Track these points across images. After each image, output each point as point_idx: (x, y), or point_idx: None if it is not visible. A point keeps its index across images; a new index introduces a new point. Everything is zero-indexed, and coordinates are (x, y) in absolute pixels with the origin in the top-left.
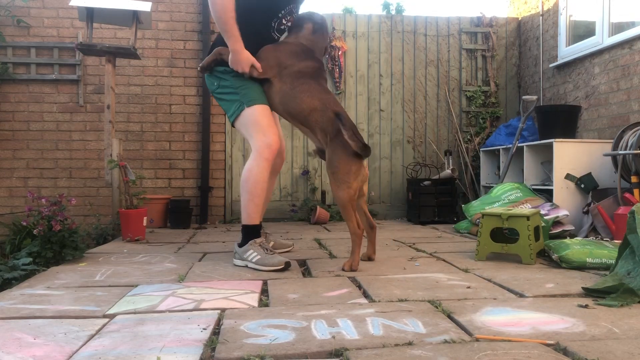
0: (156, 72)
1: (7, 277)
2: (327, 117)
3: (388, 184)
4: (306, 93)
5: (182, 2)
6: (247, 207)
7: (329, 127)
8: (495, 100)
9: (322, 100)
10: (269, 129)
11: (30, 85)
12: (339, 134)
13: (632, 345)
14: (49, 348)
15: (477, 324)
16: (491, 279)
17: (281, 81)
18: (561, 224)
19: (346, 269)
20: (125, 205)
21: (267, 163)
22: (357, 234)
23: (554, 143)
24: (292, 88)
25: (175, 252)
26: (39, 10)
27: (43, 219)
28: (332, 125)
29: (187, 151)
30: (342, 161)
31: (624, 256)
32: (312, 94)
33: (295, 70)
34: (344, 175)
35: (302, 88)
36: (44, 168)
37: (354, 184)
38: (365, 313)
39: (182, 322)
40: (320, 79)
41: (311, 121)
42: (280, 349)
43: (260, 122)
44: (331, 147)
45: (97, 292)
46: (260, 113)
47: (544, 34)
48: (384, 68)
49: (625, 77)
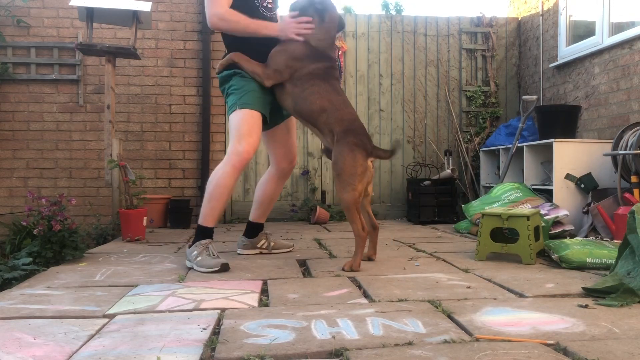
0: (156, 72)
1: (7, 277)
2: (335, 118)
3: (388, 184)
4: (316, 95)
5: (182, 2)
6: (204, 208)
7: (337, 128)
8: (495, 100)
9: (332, 102)
10: (246, 137)
11: (30, 85)
12: (346, 135)
13: (632, 345)
14: (49, 348)
15: (477, 324)
16: (491, 279)
17: (292, 84)
18: (561, 224)
19: (346, 269)
20: (125, 205)
21: (233, 170)
22: (361, 237)
23: (554, 143)
24: (303, 90)
25: (175, 252)
26: (39, 10)
27: (43, 219)
28: (340, 126)
29: (187, 151)
30: (348, 163)
31: (624, 256)
32: (322, 96)
33: (305, 73)
34: (348, 177)
35: (312, 90)
36: (44, 168)
37: (359, 186)
38: (365, 313)
39: (182, 322)
40: (331, 79)
41: (320, 122)
42: (280, 349)
43: (240, 128)
44: (337, 148)
45: (97, 292)
46: (243, 119)
47: (544, 34)
48: (384, 68)
49: (625, 77)
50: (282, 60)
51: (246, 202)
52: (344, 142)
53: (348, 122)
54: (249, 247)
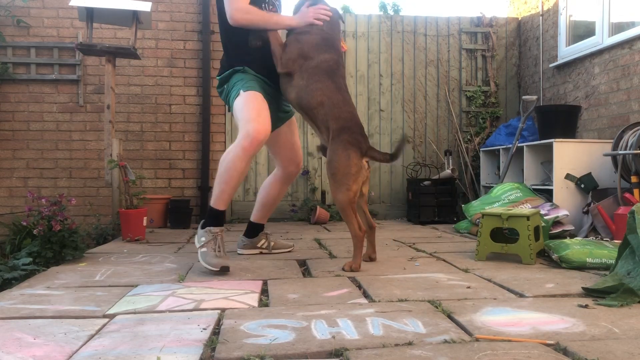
0: (156, 72)
1: (7, 277)
2: (332, 115)
3: (388, 184)
4: (319, 91)
5: (182, 2)
6: (215, 189)
7: (333, 125)
8: (495, 100)
9: (331, 99)
10: (255, 117)
11: (30, 85)
12: (341, 133)
13: (632, 345)
14: (49, 348)
15: (477, 324)
16: (491, 279)
17: (299, 76)
18: (561, 224)
19: (346, 269)
20: (125, 205)
21: (244, 152)
22: (358, 237)
23: (554, 143)
24: (307, 85)
25: (175, 252)
26: (39, 10)
27: (43, 219)
28: (336, 124)
29: (187, 151)
30: (342, 163)
31: (624, 256)
32: (323, 92)
33: (312, 66)
34: (342, 177)
35: (316, 86)
36: (44, 168)
37: (354, 186)
38: (365, 313)
39: (182, 322)
40: (337, 76)
41: (318, 117)
42: (280, 349)
43: (246, 110)
44: (332, 146)
45: (97, 292)
46: (248, 100)
47: (544, 34)
48: (383, 68)
49: (625, 77)
50: (296, 50)
51: (246, 202)
52: (338, 140)
53: (344, 120)
54: (249, 247)
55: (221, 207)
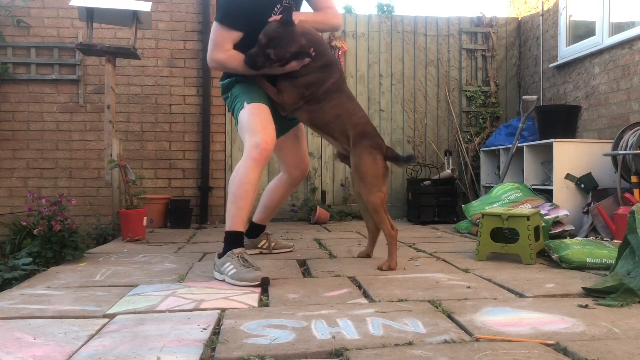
0: (156, 72)
1: (7, 277)
2: (350, 123)
3: (388, 184)
4: (333, 107)
5: (182, 2)
6: (229, 210)
7: (352, 132)
8: (495, 100)
9: (345, 109)
10: (260, 129)
11: (30, 85)
12: (362, 139)
13: (632, 345)
14: (49, 348)
15: (477, 324)
16: (491, 279)
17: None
18: (561, 224)
19: (384, 268)
20: (125, 205)
21: (255, 163)
22: (391, 235)
23: (554, 143)
24: (320, 107)
25: (175, 252)
26: (39, 10)
27: (43, 219)
28: (355, 130)
29: (187, 151)
30: (370, 166)
31: (624, 256)
32: (337, 105)
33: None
34: (372, 179)
35: (330, 104)
36: (44, 168)
37: (384, 187)
38: (365, 313)
39: (182, 322)
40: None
41: (335, 129)
42: (280, 349)
43: (251, 123)
44: (355, 152)
45: (97, 292)
46: (252, 113)
47: (544, 34)
48: (383, 68)
49: (625, 77)
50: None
51: None
52: (361, 146)
53: (362, 126)
54: (249, 247)
55: (240, 228)
